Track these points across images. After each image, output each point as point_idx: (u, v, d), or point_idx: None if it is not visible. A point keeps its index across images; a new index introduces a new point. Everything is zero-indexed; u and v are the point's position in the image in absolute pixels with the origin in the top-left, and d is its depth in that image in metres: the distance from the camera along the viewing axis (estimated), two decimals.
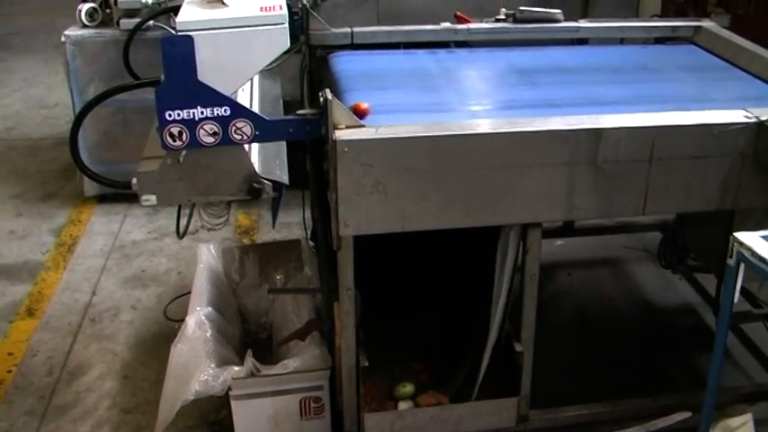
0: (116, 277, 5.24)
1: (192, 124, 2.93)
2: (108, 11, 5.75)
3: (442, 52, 4.10)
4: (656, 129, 3.11)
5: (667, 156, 3.12)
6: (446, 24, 4.17)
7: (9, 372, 4.34)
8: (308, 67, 4.06)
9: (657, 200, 3.20)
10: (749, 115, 3.15)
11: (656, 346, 4.36)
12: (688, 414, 3.65)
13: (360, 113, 3.10)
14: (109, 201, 6.14)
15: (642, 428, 3.70)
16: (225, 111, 2.94)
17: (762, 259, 2.70)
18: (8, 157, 7.16)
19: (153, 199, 3.10)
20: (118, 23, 5.65)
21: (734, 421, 3.58)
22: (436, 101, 3.50)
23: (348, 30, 4.04)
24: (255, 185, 3.09)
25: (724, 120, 3.14)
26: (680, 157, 3.14)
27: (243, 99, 3.37)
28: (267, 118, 3.04)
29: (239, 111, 2.97)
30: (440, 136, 2.99)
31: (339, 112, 2.94)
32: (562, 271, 5.08)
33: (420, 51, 4.09)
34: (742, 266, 2.82)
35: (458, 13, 4.21)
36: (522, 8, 4.17)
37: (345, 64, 3.87)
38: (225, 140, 2.98)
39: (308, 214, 4.48)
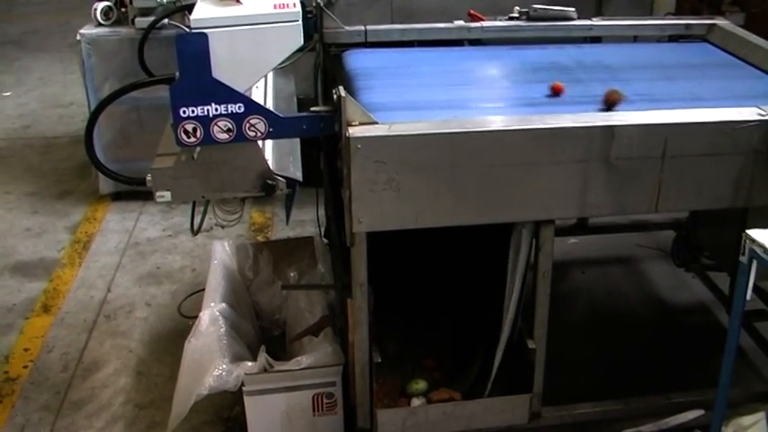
0: (131, 274, 5.28)
1: (206, 121, 2.94)
2: (123, 9, 5.79)
3: (455, 50, 4.11)
4: (668, 126, 3.10)
5: (680, 153, 3.12)
6: (459, 22, 4.17)
7: (25, 367, 4.37)
8: (322, 64, 4.08)
9: (670, 197, 3.19)
10: (762, 113, 3.14)
11: (669, 343, 4.36)
12: (701, 412, 3.65)
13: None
14: (124, 198, 6.18)
15: (654, 426, 3.70)
16: (239, 107, 2.95)
17: None
18: (24, 156, 7.21)
19: (167, 195, 3.11)
20: (133, 22, 5.70)
21: (746, 419, 3.58)
22: (449, 98, 3.50)
23: (362, 28, 4.05)
24: (269, 182, 3.10)
25: (737, 117, 3.13)
26: (693, 154, 3.14)
27: (257, 96, 3.39)
28: (281, 115, 3.05)
29: (253, 108, 2.98)
30: (453, 133, 2.99)
31: (352, 109, 2.95)
32: (576, 269, 5.08)
33: (433, 49, 4.09)
34: (754, 264, 2.82)
35: (471, 11, 4.21)
36: (535, 6, 4.17)
37: (359, 62, 3.88)
38: (239, 137, 2.99)
39: (321, 211, 4.50)
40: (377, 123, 2.98)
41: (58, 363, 4.41)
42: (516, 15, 4.21)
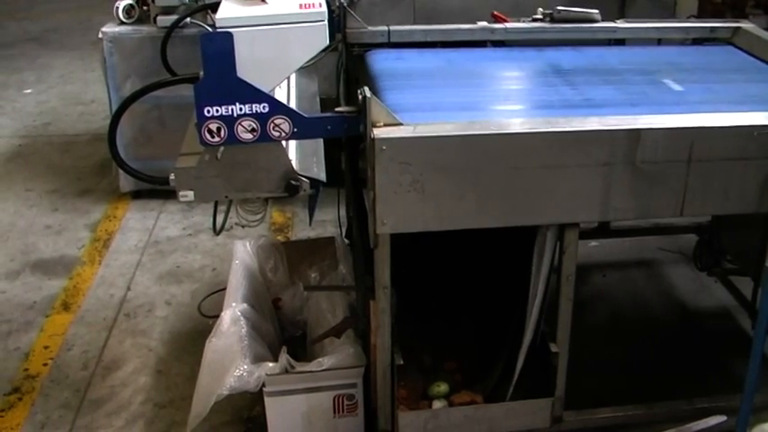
0: (151, 273, 5.28)
1: (230, 120, 2.94)
2: (145, 8, 5.79)
3: (478, 51, 4.09)
4: (694, 130, 3.08)
5: (706, 157, 3.09)
6: (483, 23, 4.15)
7: (45, 365, 4.38)
8: (345, 65, 4.07)
9: (695, 201, 3.16)
10: None
11: (691, 348, 4.33)
12: (723, 418, 3.62)
13: None
14: (144, 197, 6.19)
15: (676, 431, 3.68)
16: (263, 107, 2.94)
17: None
18: (45, 153, 7.23)
19: (191, 195, 3.11)
20: (155, 20, 5.69)
21: None
22: (473, 100, 3.49)
23: (385, 28, 4.04)
24: (293, 182, 3.10)
25: (764, 121, 3.10)
26: (719, 158, 3.11)
27: (280, 96, 3.38)
28: (305, 115, 3.04)
29: (278, 107, 2.98)
30: (477, 135, 2.97)
31: (377, 110, 2.94)
32: (597, 272, 5.05)
33: (456, 50, 4.08)
34: None
35: (495, 13, 4.20)
36: (559, 8, 4.14)
37: (382, 62, 3.86)
38: (263, 137, 2.98)
39: (342, 212, 4.49)
40: (402, 124, 2.96)
41: (77, 361, 4.41)
42: (540, 17, 4.18)
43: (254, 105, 2.93)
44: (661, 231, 5.11)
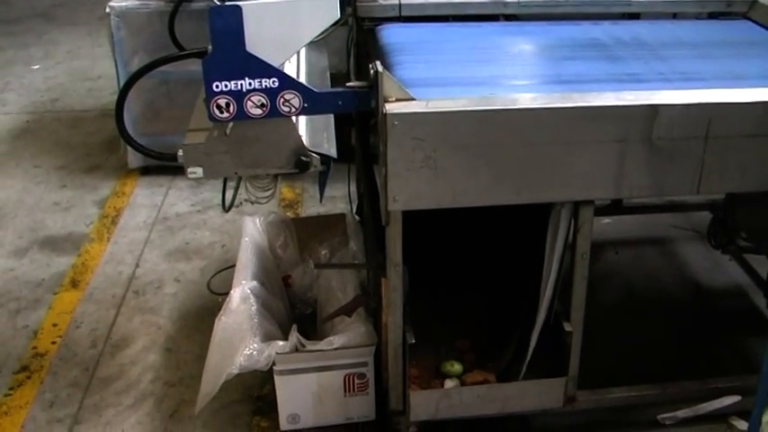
0: (159, 250, 5.25)
1: (239, 96, 2.89)
2: None
3: (491, 25, 4.03)
4: (712, 106, 3.02)
5: (724, 134, 3.03)
6: None
7: (53, 343, 4.36)
8: (356, 39, 4.02)
9: (713, 179, 3.10)
10: None
11: (705, 327, 4.30)
12: (737, 398, 3.59)
13: None
14: (152, 173, 6.16)
15: (690, 411, 3.65)
16: (273, 82, 2.89)
17: None
18: (52, 129, 7.20)
19: (199, 171, 3.07)
20: None
21: None
22: (486, 74, 3.43)
23: (396, 2, 3.97)
24: (303, 158, 3.05)
25: None
26: (737, 135, 3.05)
27: (290, 71, 3.32)
28: (316, 90, 2.99)
29: (288, 82, 2.92)
30: (491, 110, 2.91)
31: (389, 85, 2.88)
32: (609, 249, 5.02)
33: (469, 24, 4.02)
34: None
35: None
36: None
37: (393, 36, 3.81)
38: (273, 112, 2.93)
39: (353, 188, 4.45)
40: (414, 100, 2.91)
41: (86, 339, 4.39)
42: None
43: (263, 80, 2.88)
44: (675, 209, 5.07)
